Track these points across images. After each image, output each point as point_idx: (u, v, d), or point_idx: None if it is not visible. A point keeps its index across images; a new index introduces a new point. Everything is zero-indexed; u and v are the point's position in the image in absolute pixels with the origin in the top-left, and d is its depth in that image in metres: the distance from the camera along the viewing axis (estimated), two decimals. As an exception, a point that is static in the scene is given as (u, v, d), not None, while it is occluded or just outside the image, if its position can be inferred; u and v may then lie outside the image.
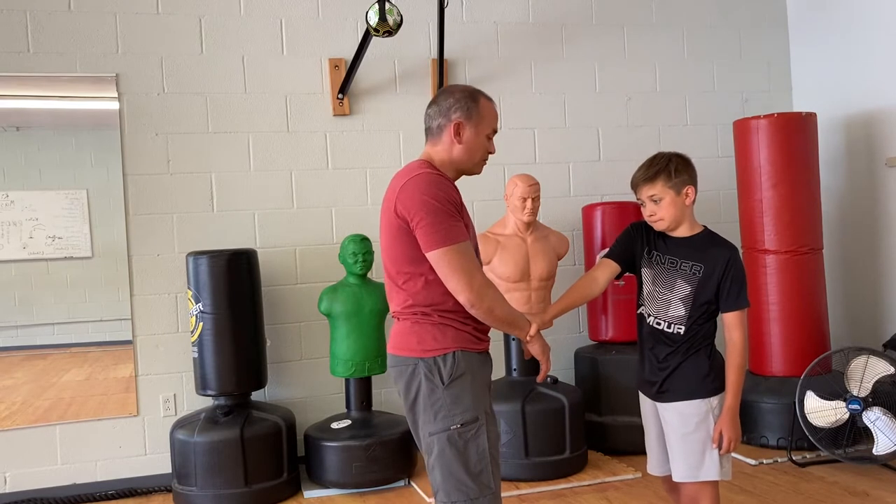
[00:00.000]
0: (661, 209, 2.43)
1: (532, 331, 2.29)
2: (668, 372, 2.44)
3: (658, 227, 2.47)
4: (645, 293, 2.51)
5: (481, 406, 2.17)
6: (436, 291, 2.16)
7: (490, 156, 2.32)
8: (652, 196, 2.43)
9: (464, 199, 2.22)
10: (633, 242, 2.55)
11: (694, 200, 2.45)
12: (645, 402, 2.57)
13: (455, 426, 2.13)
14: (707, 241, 2.46)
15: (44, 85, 3.95)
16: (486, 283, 2.16)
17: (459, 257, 2.10)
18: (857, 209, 4.69)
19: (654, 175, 2.42)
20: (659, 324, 2.46)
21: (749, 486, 3.67)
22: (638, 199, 2.49)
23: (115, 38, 4.03)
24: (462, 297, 2.11)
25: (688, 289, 2.42)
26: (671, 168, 2.41)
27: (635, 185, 2.48)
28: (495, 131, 2.30)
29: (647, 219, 2.48)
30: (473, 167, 2.29)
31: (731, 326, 2.41)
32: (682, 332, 2.42)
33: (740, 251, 2.78)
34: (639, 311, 2.54)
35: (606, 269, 2.55)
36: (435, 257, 2.10)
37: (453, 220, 2.12)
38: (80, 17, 3.98)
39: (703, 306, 2.41)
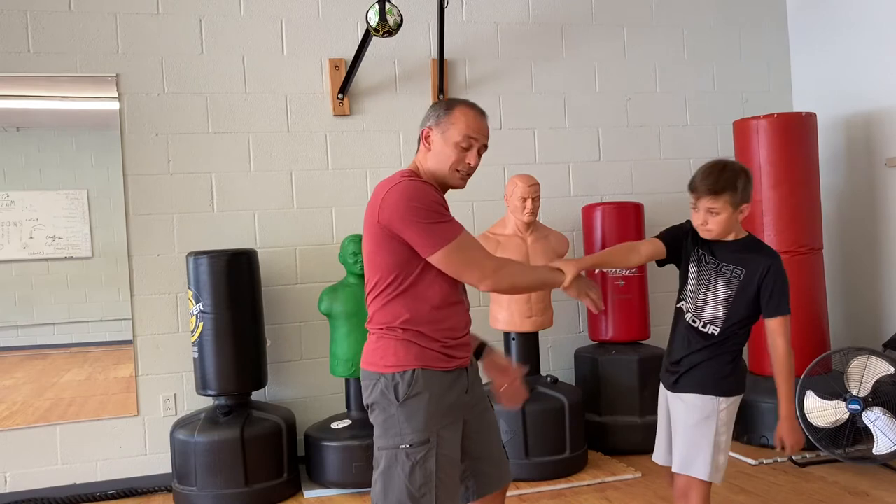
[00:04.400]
0: (715, 222, 2.39)
1: (567, 282, 2.23)
2: (689, 367, 2.46)
3: (705, 236, 2.44)
4: (688, 290, 2.50)
5: (435, 428, 2.08)
6: (402, 306, 2.10)
7: (469, 166, 2.17)
8: (711, 209, 2.38)
9: (464, 200, 2.20)
10: (684, 237, 2.52)
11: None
12: (663, 392, 2.59)
13: (404, 445, 2.07)
14: (750, 247, 2.45)
15: (44, 85, 3.95)
16: (497, 264, 2.13)
17: (463, 252, 2.07)
18: (857, 209, 4.69)
19: (721, 190, 2.35)
20: (695, 322, 2.46)
21: (749, 486, 3.67)
22: (692, 204, 2.43)
23: (115, 38, 4.04)
24: (483, 287, 2.10)
25: (728, 291, 2.41)
26: (739, 185, 2.36)
27: (697, 193, 2.40)
28: (470, 143, 2.13)
29: (695, 225, 2.45)
30: (449, 178, 2.16)
31: (773, 333, 2.40)
32: (716, 333, 2.43)
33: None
34: (678, 305, 2.54)
35: (651, 247, 2.52)
36: (439, 259, 2.05)
37: (444, 217, 2.08)
38: (80, 17, 3.99)
39: (741, 311, 2.41)
